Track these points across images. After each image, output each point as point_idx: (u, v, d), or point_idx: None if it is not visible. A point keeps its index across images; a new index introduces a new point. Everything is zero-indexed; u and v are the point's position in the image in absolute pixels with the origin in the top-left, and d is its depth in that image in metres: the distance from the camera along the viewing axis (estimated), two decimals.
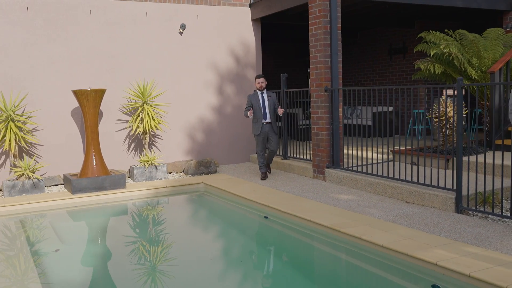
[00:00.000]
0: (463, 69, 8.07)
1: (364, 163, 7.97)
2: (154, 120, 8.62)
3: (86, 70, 8.65)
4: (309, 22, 8.08)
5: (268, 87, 10.02)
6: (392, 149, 8.67)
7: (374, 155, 9.04)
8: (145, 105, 8.60)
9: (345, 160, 8.25)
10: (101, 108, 8.77)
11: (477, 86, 7.98)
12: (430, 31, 8.85)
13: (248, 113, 8.04)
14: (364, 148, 9.92)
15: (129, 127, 8.90)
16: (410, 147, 8.58)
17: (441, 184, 6.19)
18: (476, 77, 8.25)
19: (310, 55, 8.12)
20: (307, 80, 15.45)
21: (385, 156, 8.78)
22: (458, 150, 5.80)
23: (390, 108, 12.22)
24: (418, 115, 11.04)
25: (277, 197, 6.94)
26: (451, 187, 5.97)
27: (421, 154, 7.58)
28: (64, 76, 8.49)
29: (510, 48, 8.47)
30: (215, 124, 9.87)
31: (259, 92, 8.18)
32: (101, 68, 8.78)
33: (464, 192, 5.89)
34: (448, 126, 7.59)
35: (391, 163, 7.81)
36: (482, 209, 5.62)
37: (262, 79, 8.18)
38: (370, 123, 12.11)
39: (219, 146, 9.93)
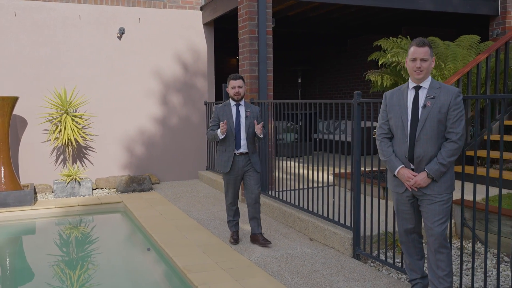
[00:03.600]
0: None
1: (305, 186, 6.86)
2: (74, 131, 7.90)
3: (8, 76, 8.05)
4: (238, 26, 7.16)
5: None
6: (334, 172, 7.55)
7: (325, 177, 7.94)
8: (65, 114, 7.90)
9: (287, 182, 7.19)
10: (25, 117, 8.16)
11: None
12: (390, 38, 7.71)
13: (218, 133, 5.02)
14: (321, 168, 8.80)
15: (48, 139, 8.22)
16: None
17: (344, 219, 5.08)
18: None
19: (239, 63, 7.19)
20: (298, 91, 14.42)
21: (331, 179, 7.67)
22: (354, 179, 4.72)
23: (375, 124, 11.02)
24: None
25: (174, 225, 6.03)
26: (350, 225, 4.87)
27: (365, 180, 6.43)
28: None
29: None
30: (157, 137, 9.05)
31: (232, 104, 5.15)
32: (26, 74, 8.17)
33: (375, 231, 4.79)
34: None
35: (323, 189, 6.71)
36: (378, 256, 4.50)
37: (238, 82, 5.09)
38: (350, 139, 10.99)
39: (162, 161, 9.10)
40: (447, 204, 3.38)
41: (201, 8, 9.18)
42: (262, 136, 5.05)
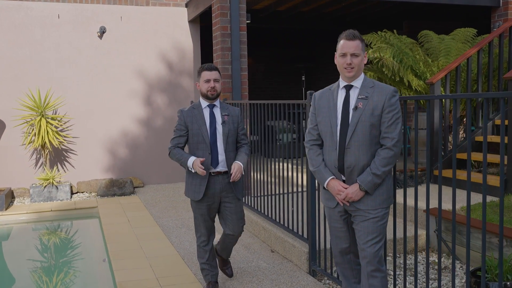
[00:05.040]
0: (397, 79, 6.41)
1: (288, 191, 6.33)
2: (49, 134, 7.67)
3: None
4: (212, 22, 6.80)
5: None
6: None
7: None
8: (40, 117, 7.68)
9: (268, 186, 6.74)
10: (3, 119, 7.98)
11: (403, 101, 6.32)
12: (378, 32, 7.24)
13: (193, 164, 3.82)
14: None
15: (23, 143, 8.00)
16: None
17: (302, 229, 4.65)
18: (420, 89, 6.55)
19: (213, 61, 6.83)
20: (302, 89, 13.95)
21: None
22: (309, 185, 4.30)
23: None
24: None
25: (135, 234, 5.72)
26: (306, 236, 4.45)
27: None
28: None
29: None
30: (141, 139, 8.76)
31: (204, 105, 3.86)
32: (4, 75, 7.97)
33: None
34: None
35: (298, 194, 6.28)
36: (332, 273, 4.07)
37: (214, 74, 3.78)
38: None
39: (147, 164, 8.80)
40: (382, 221, 2.94)
41: (186, 5, 8.84)
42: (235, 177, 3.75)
